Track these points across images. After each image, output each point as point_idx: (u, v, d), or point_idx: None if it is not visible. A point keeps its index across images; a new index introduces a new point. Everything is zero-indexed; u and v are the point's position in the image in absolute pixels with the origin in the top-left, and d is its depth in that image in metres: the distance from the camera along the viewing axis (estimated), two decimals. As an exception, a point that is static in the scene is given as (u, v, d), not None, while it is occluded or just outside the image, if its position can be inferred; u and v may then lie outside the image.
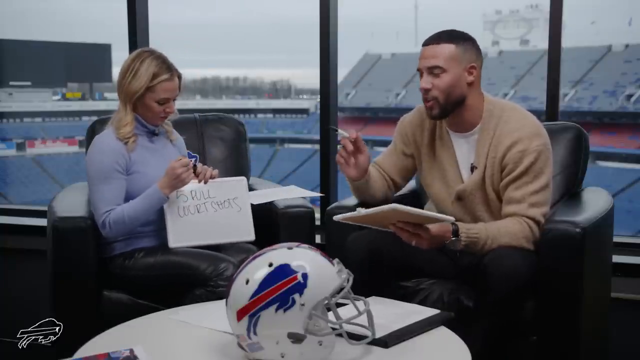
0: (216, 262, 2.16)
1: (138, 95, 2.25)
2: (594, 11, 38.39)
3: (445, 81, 2.07)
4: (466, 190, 2.15)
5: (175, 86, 2.29)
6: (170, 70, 2.27)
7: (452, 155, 2.18)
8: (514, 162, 2.06)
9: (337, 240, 2.22)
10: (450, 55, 2.07)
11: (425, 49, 2.10)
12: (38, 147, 28.79)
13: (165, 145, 2.40)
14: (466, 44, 2.10)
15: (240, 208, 2.34)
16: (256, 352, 1.49)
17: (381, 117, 30.73)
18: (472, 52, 2.11)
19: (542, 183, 2.07)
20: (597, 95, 27.05)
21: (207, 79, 43.00)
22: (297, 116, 34.72)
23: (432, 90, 2.08)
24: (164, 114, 2.30)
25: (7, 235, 3.32)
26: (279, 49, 68.52)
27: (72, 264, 2.20)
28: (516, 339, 2.04)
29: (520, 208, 2.06)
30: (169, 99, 2.28)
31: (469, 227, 2.03)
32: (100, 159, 2.25)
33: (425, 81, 2.09)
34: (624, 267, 2.63)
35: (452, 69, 2.07)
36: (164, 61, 2.28)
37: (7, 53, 28.71)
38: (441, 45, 2.08)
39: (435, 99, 2.09)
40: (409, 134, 2.28)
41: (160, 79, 2.24)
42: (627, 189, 23.01)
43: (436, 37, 2.10)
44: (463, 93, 2.10)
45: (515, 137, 2.07)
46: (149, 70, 2.24)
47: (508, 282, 1.93)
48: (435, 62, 2.07)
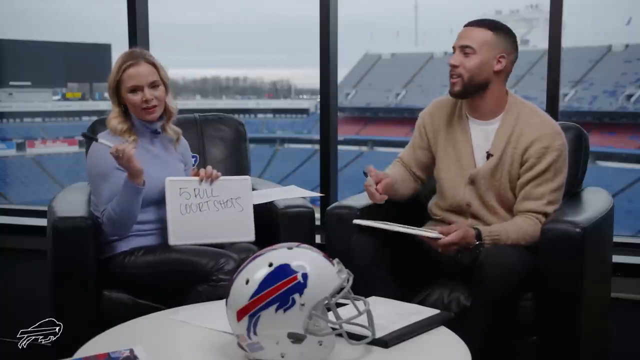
0: (217, 257, 2.16)
1: (114, 89, 2.30)
2: (594, 11, 38.40)
3: (473, 62, 2.15)
4: (479, 174, 2.18)
5: (141, 72, 2.27)
6: (135, 58, 2.28)
7: (468, 140, 2.23)
8: (537, 157, 2.12)
9: (337, 240, 2.23)
10: (484, 39, 2.15)
11: (465, 29, 2.20)
12: (38, 147, 28.78)
13: (167, 148, 2.40)
14: (503, 35, 2.17)
15: (243, 208, 2.34)
16: (256, 352, 1.49)
17: (381, 117, 30.73)
18: (507, 44, 2.18)
19: (560, 182, 2.14)
20: (597, 95, 27.05)
21: (207, 79, 42.96)
22: (297, 116, 34.72)
23: (459, 67, 2.16)
24: (145, 105, 2.27)
25: (7, 235, 3.32)
26: (279, 49, 68.53)
27: (72, 264, 2.20)
28: (515, 338, 2.05)
29: (538, 205, 2.11)
30: (140, 86, 2.27)
31: (490, 230, 2.08)
32: (99, 158, 2.25)
33: (455, 58, 2.17)
34: (624, 267, 2.63)
35: (482, 53, 2.15)
36: (132, 52, 2.32)
37: (7, 53, 28.74)
38: (479, 29, 2.16)
39: (460, 77, 2.16)
40: (427, 126, 2.34)
41: (124, 66, 2.27)
42: (627, 189, 23.02)
43: (478, 21, 2.20)
44: (487, 78, 2.17)
45: (539, 132, 2.13)
46: (118, 62, 2.30)
47: (503, 279, 1.95)
48: (469, 42, 2.15)
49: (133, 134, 2.30)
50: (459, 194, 2.22)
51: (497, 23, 2.20)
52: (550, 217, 2.08)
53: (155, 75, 2.29)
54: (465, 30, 2.20)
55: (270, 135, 32.57)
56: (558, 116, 2.74)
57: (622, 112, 26.60)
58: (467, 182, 2.21)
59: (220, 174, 2.34)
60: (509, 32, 2.20)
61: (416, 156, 2.36)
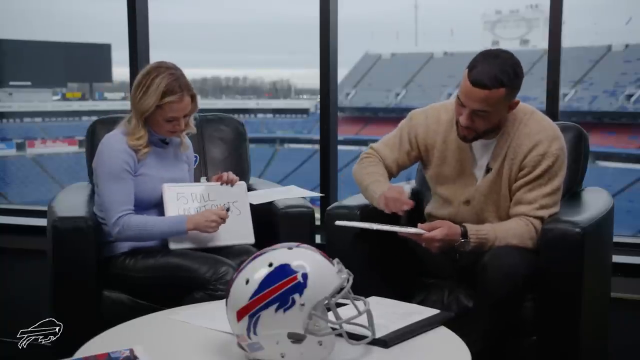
0: (216, 266, 2.15)
1: (148, 113, 2.23)
2: (594, 11, 38.38)
3: (488, 122, 2.05)
4: (478, 191, 2.15)
5: (184, 106, 2.24)
6: (180, 90, 2.22)
7: (468, 156, 2.17)
8: (533, 165, 2.08)
9: (337, 240, 2.22)
10: (498, 99, 1.99)
11: (474, 90, 1.99)
12: (38, 147, 28.77)
13: (175, 153, 2.40)
14: (515, 82, 2.01)
15: (240, 211, 2.35)
16: (256, 352, 1.49)
17: (381, 117, 30.73)
18: (517, 86, 2.03)
19: (554, 186, 2.09)
20: (597, 95, 27.05)
21: (207, 79, 43.05)
22: (297, 116, 34.72)
23: (472, 126, 2.05)
24: (173, 130, 2.28)
25: (7, 235, 3.32)
26: (279, 49, 68.48)
27: (72, 264, 2.20)
28: (516, 339, 2.05)
29: (529, 209, 2.08)
30: (178, 118, 2.26)
31: (477, 229, 2.04)
32: (109, 159, 2.24)
33: (465, 119, 2.03)
34: (624, 267, 2.63)
35: (497, 110, 2.02)
36: (176, 79, 2.22)
37: (7, 53, 28.72)
38: (492, 91, 1.97)
39: (474, 131, 2.07)
40: (419, 136, 2.25)
41: (169, 100, 2.21)
42: (627, 189, 23.01)
43: (488, 81, 1.97)
44: (500, 122, 2.09)
45: (535, 140, 2.08)
46: (159, 89, 2.20)
47: (507, 281, 1.93)
48: (482, 107, 2.00)
49: (148, 146, 2.29)
50: (453, 211, 2.19)
51: (506, 72, 1.98)
52: (550, 218, 2.07)
53: (191, 106, 2.28)
54: (475, 92, 1.98)
55: (270, 135, 32.56)
56: (558, 116, 2.74)
57: (622, 112, 26.60)
58: (463, 201, 2.18)
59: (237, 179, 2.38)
60: (518, 72, 2.02)
61: (400, 158, 2.28)
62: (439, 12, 53.44)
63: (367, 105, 32.22)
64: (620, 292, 2.57)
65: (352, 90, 33.08)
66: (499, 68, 1.98)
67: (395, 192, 2.09)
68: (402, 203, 2.06)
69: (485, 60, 2.00)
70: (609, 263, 2.40)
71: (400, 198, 2.07)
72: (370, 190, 2.19)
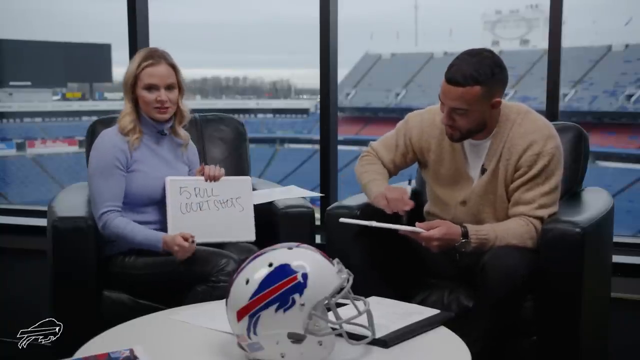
0: (216, 258, 2.15)
1: (130, 85, 2.28)
2: (594, 11, 38.38)
3: (468, 120, 2.06)
4: (473, 192, 2.16)
5: (160, 72, 2.27)
6: (157, 57, 2.29)
7: (463, 158, 2.18)
8: (528, 164, 2.08)
9: (337, 240, 2.22)
10: (475, 97, 2.01)
11: (450, 88, 2.02)
12: (38, 147, 28.77)
13: (172, 150, 2.39)
14: (492, 81, 2.02)
15: (243, 208, 2.35)
16: (256, 352, 1.49)
17: (381, 117, 30.72)
18: (498, 85, 2.05)
19: (552, 185, 2.09)
20: (597, 95, 27.05)
21: (207, 79, 43.03)
22: (297, 116, 34.72)
23: (454, 126, 2.08)
24: (157, 104, 2.28)
25: (7, 235, 3.32)
26: (279, 49, 68.41)
27: (72, 264, 2.20)
28: (516, 338, 2.05)
29: (528, 209, 2.08)
30: (157, 85, 2.27)
31: (477, 229, 2.05)
32: (101, 154, 2.26)
33: (447, 118, 2.07)
34: (624, 267, 2.63)
35: (476, 109, 2.03)
36: (153, 50, 2.32)
37: (7, 53, 28.71)
38: (466, 88, 2.00)
39: (458, 130, 2.09)
40: (414, 139, 2.27)
41: (144, 65, 2.27)
42: (627, 189, 23.01)
43: (461, 79, 2.00)
44: (485, 121, 2.09)
45: (529, 139, 2.08)
46: (137, 59, 2.30)
47: (507, 281, 1.94)
48: (458, 104, 2.02)
49: (139, 131, 2.30)
50: (450, 213, 2.20)
51: (482, 70, 2.00)
52: (550, 218, 2.07)
53: (173, 78, 2.30)
54: (451, 89, 2.02)
55: (270, 135, 32.57)
56: (558, 116, 2.74)
57: (622, 112, 26.60)
58: (459, 203, 2.19)
59: (223, 171, 2.36)
60: (496, 72, 2.02)
61: (397, 159, 2.31)
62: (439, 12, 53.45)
63: (367, 106, 32.22)
64: (620, 292, 2.57)
65: (352, 90, 33.08)
66: (475, 66, 2.01)
67: (397, 193, 2.12)
68: (404, 203, 2.11)
69: (463, 59, 2.04)
70: (609, 263, 2.40)
71: (402, 199, 2.11)
72: (367, 189, 2.25)
